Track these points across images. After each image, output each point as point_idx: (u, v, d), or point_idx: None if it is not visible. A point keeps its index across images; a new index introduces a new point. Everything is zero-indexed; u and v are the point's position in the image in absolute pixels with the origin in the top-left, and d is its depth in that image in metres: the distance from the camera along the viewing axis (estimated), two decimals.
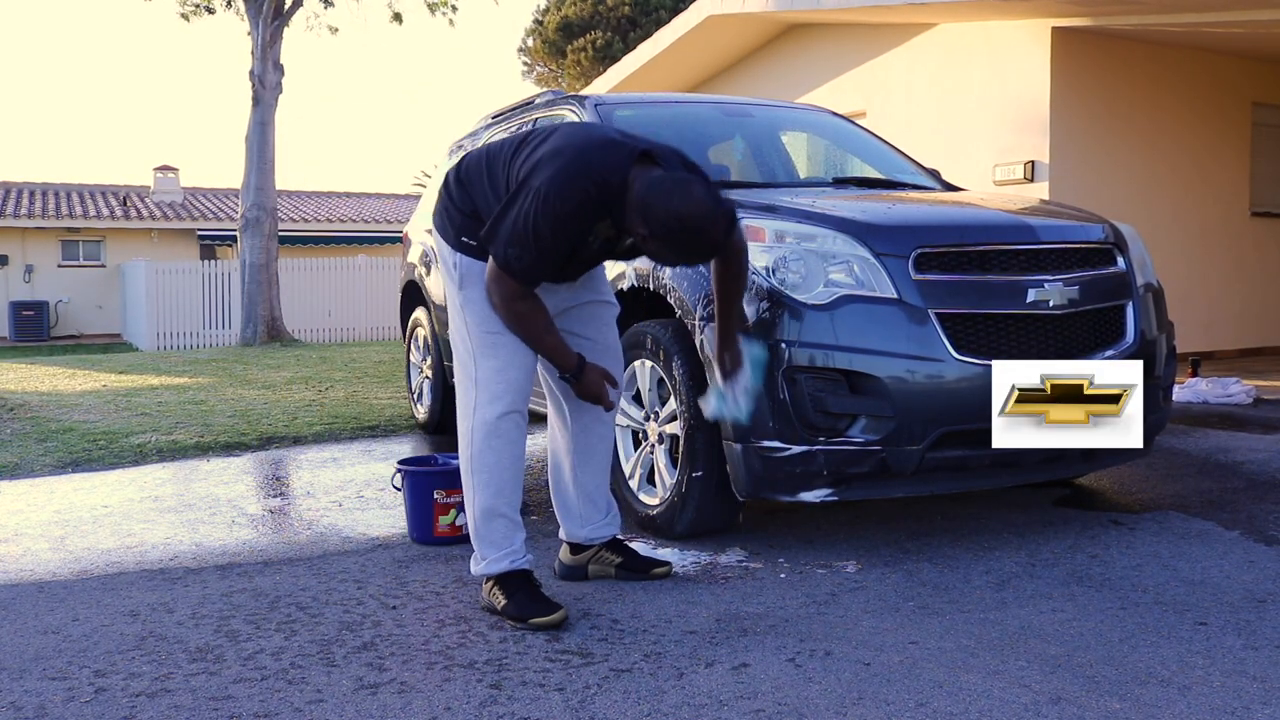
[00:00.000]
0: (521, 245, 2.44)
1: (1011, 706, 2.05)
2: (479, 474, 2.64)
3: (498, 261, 2.49)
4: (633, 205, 2.40)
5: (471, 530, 2.69)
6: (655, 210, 2.35)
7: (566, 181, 2.40)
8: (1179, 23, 7.00)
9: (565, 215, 2.41)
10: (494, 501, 2.64)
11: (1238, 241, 8.65)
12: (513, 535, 2.66)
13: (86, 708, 2.13)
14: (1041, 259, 3.23)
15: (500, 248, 2.47)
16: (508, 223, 2.46)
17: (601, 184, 2.42)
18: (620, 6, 23.96)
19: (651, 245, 2.42)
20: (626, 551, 2.95)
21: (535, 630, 2.51)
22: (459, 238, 2.67)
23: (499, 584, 2.63)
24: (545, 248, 2.44)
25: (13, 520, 3.89)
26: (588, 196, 2.41)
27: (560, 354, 2.62)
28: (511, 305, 2.54)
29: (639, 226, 2.40)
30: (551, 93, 4.88)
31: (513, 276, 2.49)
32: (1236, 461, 4.41)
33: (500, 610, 2.59)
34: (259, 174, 15.08)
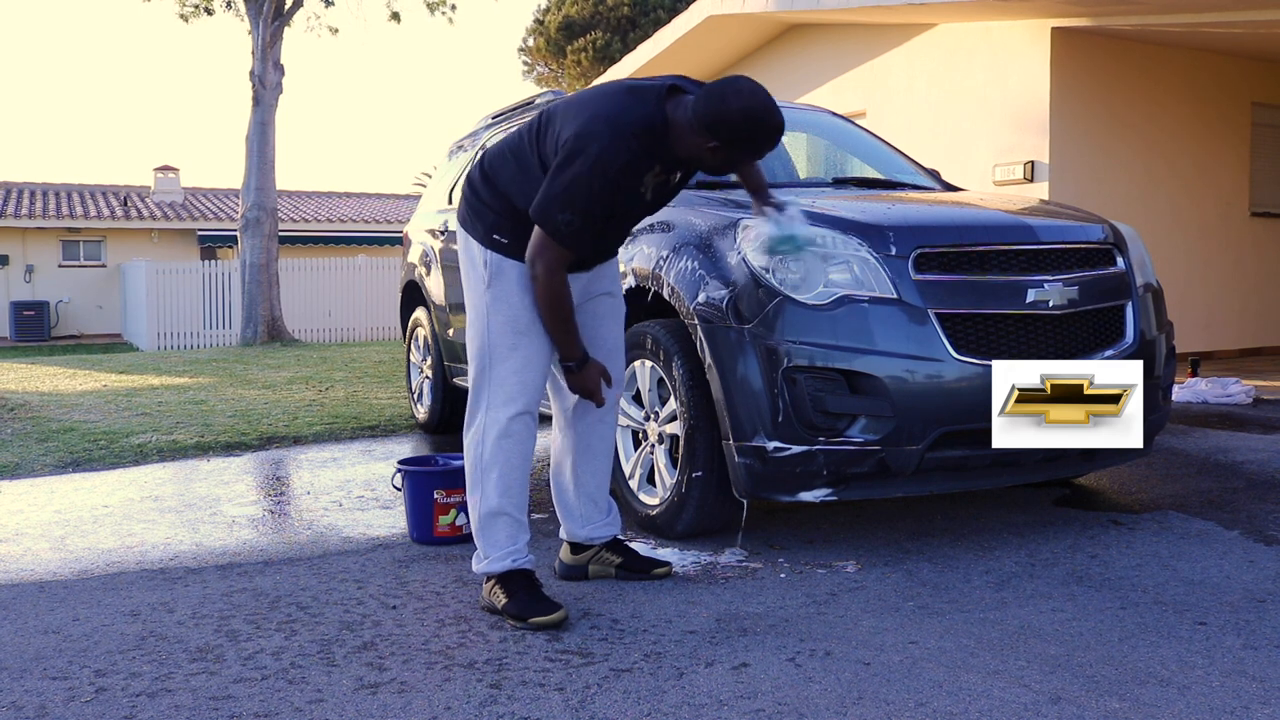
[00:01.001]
0: (574, 210, 2.45)
1: (1011, 706, 2.05)
2: (488, 473, 2.64)
3: (548, 230, 2.49)
4: (687, 131, 2.46)
5: (475, 528, 2.69)
6: (721, 118, 2.41)
7: (612, 140, 2.43)
8: (1179, 23, 7.00)
9: (618, 172, 2.44)
10: (500, 501, 2.64)
11: (1237, 241, 8.65)
12: (516, 535, 2.67)
13: (87, 707, 2.13)
14: (1041, 259, 3.23)
15: (552, 215, 2.47)
16: (558, 190, 2.46)
17: (644, 132, 2.46)
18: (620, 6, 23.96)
19: (722, 154, 2.48)
20: (627, 552, 2.95)
21: (535, 630, 2.52)
22: (490, 235, 2.67)
23: (500, 583, 2.63)
24: (598, 210, 2.47)
25: (13, 520, 3.89)
26: (635, 150, 2.45)
27: (572, 342, 2.63)
28: (555, 277, 2.53)
29: (704, 142, 2.44)
30: (552, 93, 4.88)
31: (562, 243, 2.50)
32: (1236, 461, 4.42)
33: (501, 609, 2.60)
34: (259, 174, 15.08)
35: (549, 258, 2.52)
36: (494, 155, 2.75)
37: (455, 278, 5.15)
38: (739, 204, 3.39)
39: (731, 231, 3.18)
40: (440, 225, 5.41)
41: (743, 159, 2.58)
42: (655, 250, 3.39)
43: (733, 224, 3.19)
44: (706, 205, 3.35)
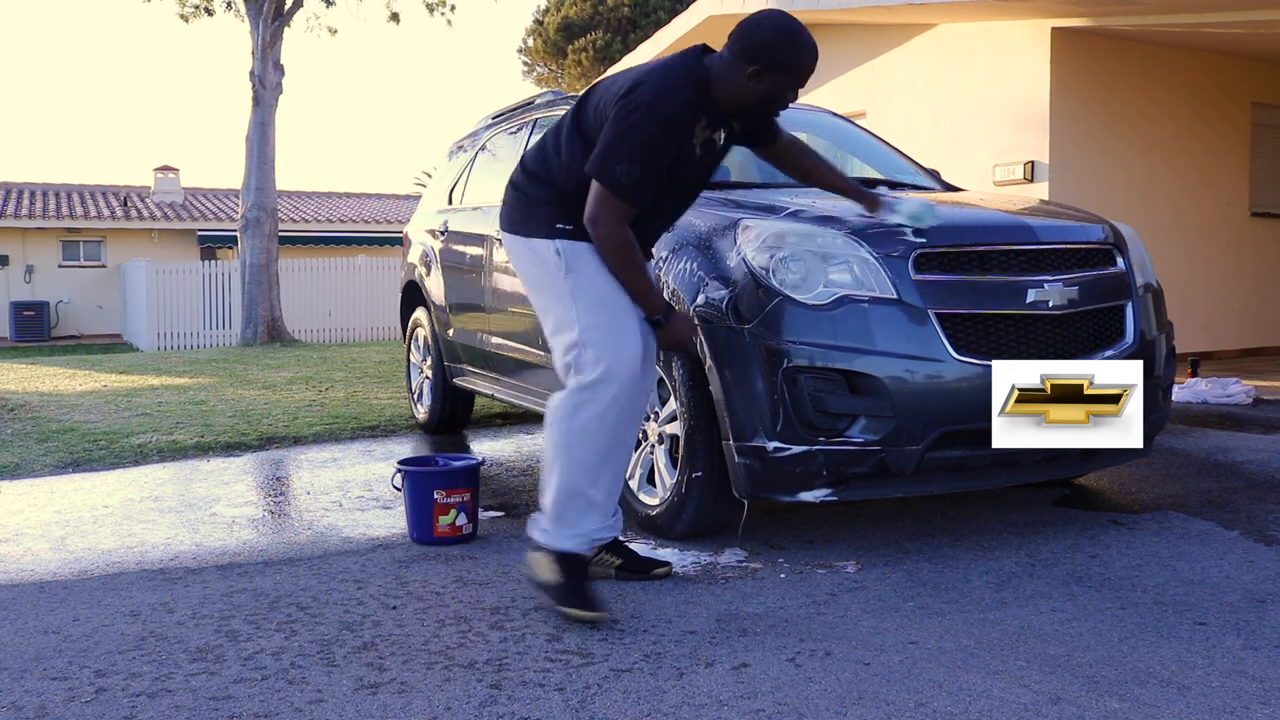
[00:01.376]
0: (630, 159, 2.48)
1: (1011, 706, 2.05)
2: (571, 450, 2.61)
3: (606, 184, 2.51)
4: (726, 70, 2.55)
5: (553, 505, 2.65)
6: (757, 38, 2.52)
7: (662, 87, 2.50)
8: (1179, 23, 7.00)
9: (672, 116, 2.49)
10: (585, 484, 2.62)
11: (1237, 241, 8.65)
12: (585, 517, 2.65)
13: (87, 708, 2.13)
14: (1041, 259, 3.23)
15: (610, 167, 2.49)
16: (614, 140, 2.49)
17: (690, 81, 2.53)
18: (620, 7, 23.97)
19: (765, 81, 2.54)
20: (626, 552, 2.94)
21: (569, 621, 2.52)
22: (553, 225, 2.66)
23: (560, 562, 2.62)
24: (654, 157, 2.50)
25: (13, 520, 3.89)
26: (685, 96, 2.51)
27: (652, 295, 2.63)
28: (620, 232, 2.54)
29: (744, 72, 2.53)
30: (551, 93, 4.89)
31: (621, 197, 2.51)
32: (1236, 461, 4.42)
33: (544, 584, 2.61)
34: (259, 174, 15.08)
35: (610, 213, 2.53)
36: (534, 153, 2.77)
37: (455, 278, 5.16)
38: (739, 204, 3.39)
39: (731, 232, 3.18)
40: (440, 225, 5.42)
41: (784, 83, 2.58)
42: (655, 251, 3.38)
43: (733, 224, 3.19)
44: (706, 205, 3.35)
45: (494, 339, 4.75)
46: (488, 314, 4.79)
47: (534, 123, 4.81)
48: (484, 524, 3.58)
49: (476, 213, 5.03)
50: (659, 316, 2.64)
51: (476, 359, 5.00)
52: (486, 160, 5.26)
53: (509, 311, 4.57)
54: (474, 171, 5.36)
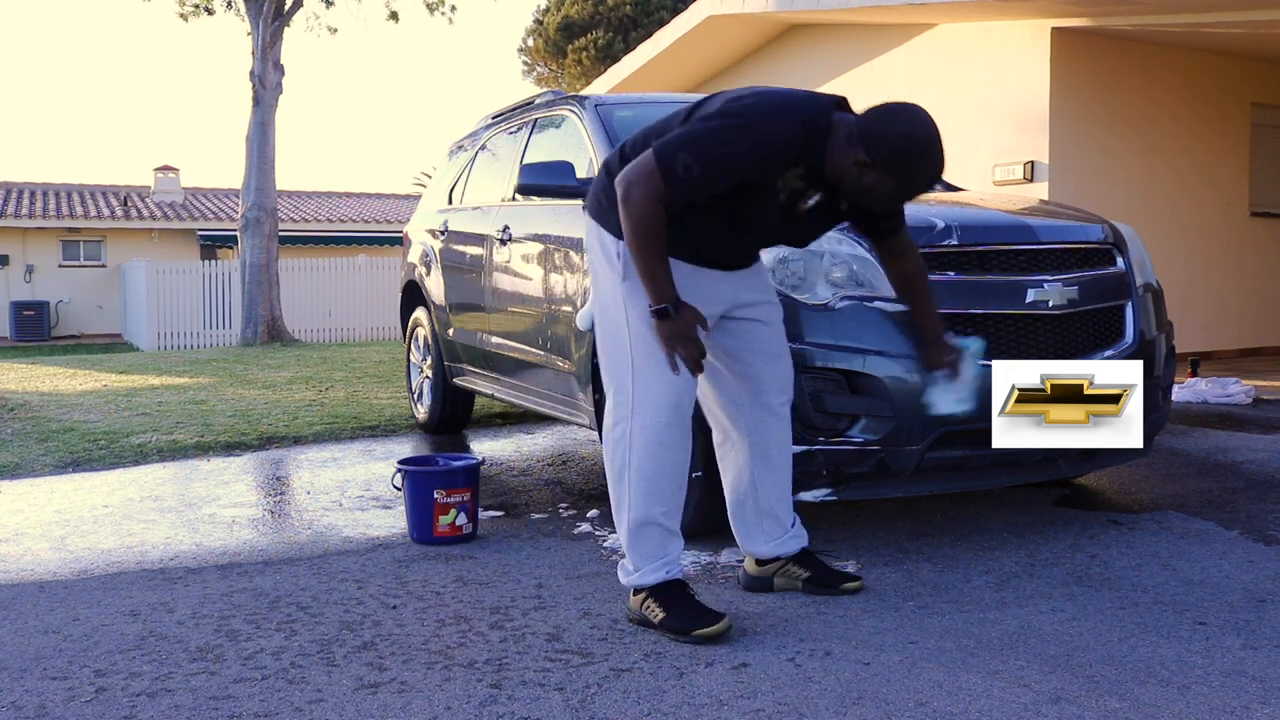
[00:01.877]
0: (700, 155, 2.29)
1: (1011, 706, 2.05)
2: (637, 482, 2.48)
3: (660, 162, 2.30)
4: (846, 141, 2.32)
5: (624, 538, 2.54)
6: (882, 133, 2.29)
7: (775, 111, 2.32)
8: (1179, 23, 7.00)
9: (766, 143, 2.30)
10: (650, 510, 2.48)
11: (1237, 241, 8.65)
12: (667, 545, 2.52)
13: (87, 707, 2.13)
14: (1041, 259, 3.23)
15: (671, 151, 2.30)
16: (690, 132, 2.33)
17: (809, 123, 2.33)
18: (621, 6, 23.96)
19: (870, 176, 2.32)
20: (815, 565, 2.78)
21: (700, 643, 2.40)
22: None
23: (654, 596, 2.49)
24: (723, 167, 2.30)
25: (13, 520, 3.89)
26: (791, 133, 2.31)
27: (663, 282, 2.36)
28: (650, 206, 2.31)
29: (857, 157, 2.30)
30: (551, 93, 4.88)
31: (666, 181, 2.30)
32: (1236, 461, 4.42)
33: (658, 624, 2.46)
34: (259, 174, 15.08)
35: (647, 186, 2.31)
36: (636, 138, 2.57)
37: (455, 278, 5.16)
38: None
39: None
40: (440, 225, 5.42)
41: (890, 189, 2.36)
42: None
43: None
44: None
45: (494, 339, 4.75)
46: (488, 314, 4.79)
47: (534, 122, 4.81)
48: (484, 524, 3.58)
49: (476, 212, 5.03)
50: (666, 306, 2.35)
51: (476, 359, 5.00)
52: (486, 160, 5.26)
53: (509, 311, 4.57)
54: (474, 171, 5.36)
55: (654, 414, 2.47)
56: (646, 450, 2.47)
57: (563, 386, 4.10)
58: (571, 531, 3.51)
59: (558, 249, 4.11)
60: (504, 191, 4.79)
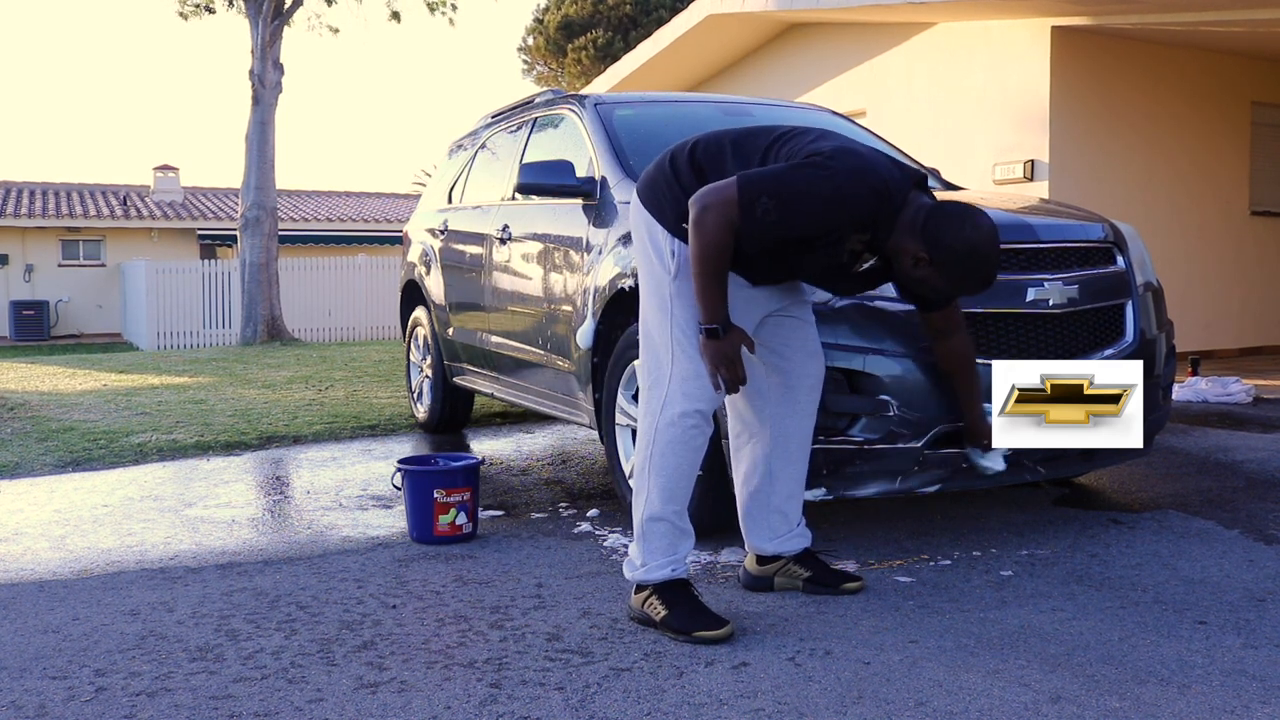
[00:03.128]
0: (780, 200, 2.29)
1: (1011, 706, 2.05)
2: (656, 476, 2.51)
3: (741, 195, 2.31)
4: (911, 227, 2.35)
5: (636, 531, 2.56)
6: (946, 236, 2.31)
7: (860, 172, 2.33)
8: (1179, 22, 7.00)
9: (846, 199, 2.31)
10: (664, 507, 2.51)
11: (1237, 241, 8.65)
12: (677, 543, 2.54)
13: (87, 707, 2.13)
14: (1041, 258, 3.23)
15: (755, 188, 2.31)
16: (776, 175, 2.34)
17: (887, 195, 2.34)
18: (621, 5, 23.96)
19: (924, 270, 2.36)
20: (816, 565, 2.80)
21: (699, 644, 2.40)
22: (680, 223, 2.48)
23: (657, 593, 2.50)
24: (800, 218, 2.32)
25: (13, 519, 3.89)
26: (873, 195, 2.32)
27: (720, 302, 2.39)
28: (723, 234, 2.33)
29: (917, 250, 2.34)
30: (551, 92, 4.88)
31: (742, 217, 2.31)
32: (1236, 461, 4.42)
33: (660, 622, 2.47)
34: (259, 173, 15.08)
35: (726, 215, 2.32)
36: (710, 142, 2.56)
37: (455, 277, 5.16)
38: None
39: None
40: (440, 224, 5.41)
41: (939, 287, 2.42)
42: None
43: None
44: None
45: (494, 338, 4.75)
46: (487, 313, 4.79)
47: (533, 122, 4.80)
48: (484, 523, 3.58)
49: (476, 211, 5.03)
50: (716, 326, 2.39)
51: (476, 358, 5.00)
52: (486, 159, 5.25)
53: (509, 310, 4.57)
54: (474, 170, 5.35)
55: (682, 414, 2.49)
56: (670, 448, 2.50)
57: (563, 386, 4.09)
58: (571, 531, 3.51)
59: (557, 248, 4.11)
60: (504, 191, 4.79)
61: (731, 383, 2.44)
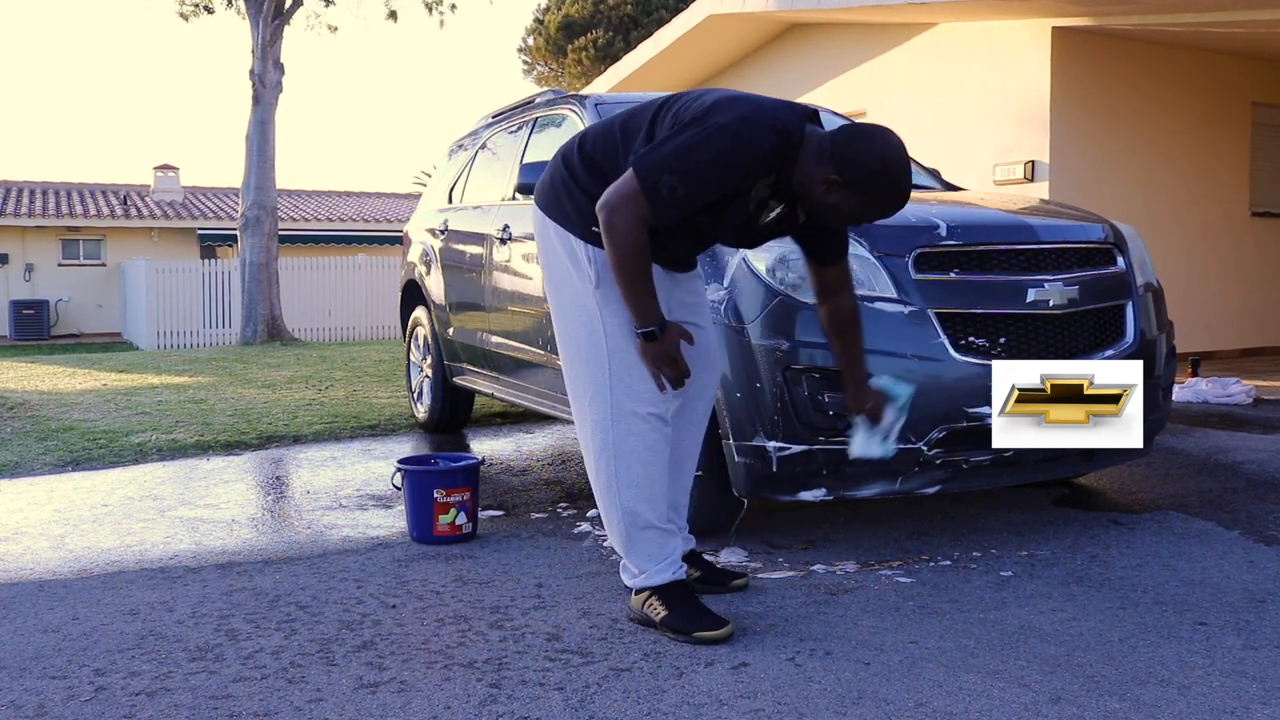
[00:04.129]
0: (683, 174, 2.25)
1: (1011, 706, 2.05)
2: (625, 489, 2.48)
3: (643, 185, 2.27)
4: (817, 155, 2.30)
5: (620, 543, 2.54)
6: (857, 154, 2.26)
7: (751, 118, 2.29)
8: (1179, 23, 7.00)
9: (745, 153, 2.26)
10: (645, 512, 2.49)
11: (1238, 241, 8.65)
12: (666, 544, 2.53)
13: (86, 706, 2.13)
14: (1041, 259, 3.23)
15: (653, 172, 2.27)
16: (670, 150, 2.28)
17: (784, 132, 2.30)
18: (621, 5, 23.96)
19: (837, 195, 2.29)
20: (704, 565, 2.82)
21: (700, 644, 2.41)
22: (589, 227, 2.43)
23: (658, 594, 2.49)
24: (708, 184, 2.28)
25: (13, 519, 3.89)
26: (770, 142, 2.28)
27: (652, 305, 2.36)
28: (637, 233, 2.29)
29: (827, 174, 2.28)
30: (551, 92, 4.88)
31: (651, 203, 2.27)
32: (1236, 461, 4.41)
33: (660, 622, 2.47)
34: (259, 173, 15.08)
35: (634, 212, 2.28)
36: (597, 133, 2.52)
37: (455, 277, 5.16)
38: None
39: None
40: (440, 224, 5.41)
41: (854, 209, 2.33)
42: None
43: None
44: None
45: (494, 338, 4.75)
46: (488, 313, 4.79)
47: (534, 122, 4.80)
48: (484, 523, 3.58)
49: (476, 211, 5.03)
50: (652, 328, 2.37)
51: (476, 358, 5.00)
52: (486, 159, 5.25)
53: (509, 310, 4.57)
54: (474, 170, 5.35)
55: (639, 421, 2.46)
56: (635, 457, 2.47)
57: (563, 386, 4.09)
58: (571, 531, 3.51)
59: None
60: (504, 191, 4.79)
61: (676, 380, 2.42)
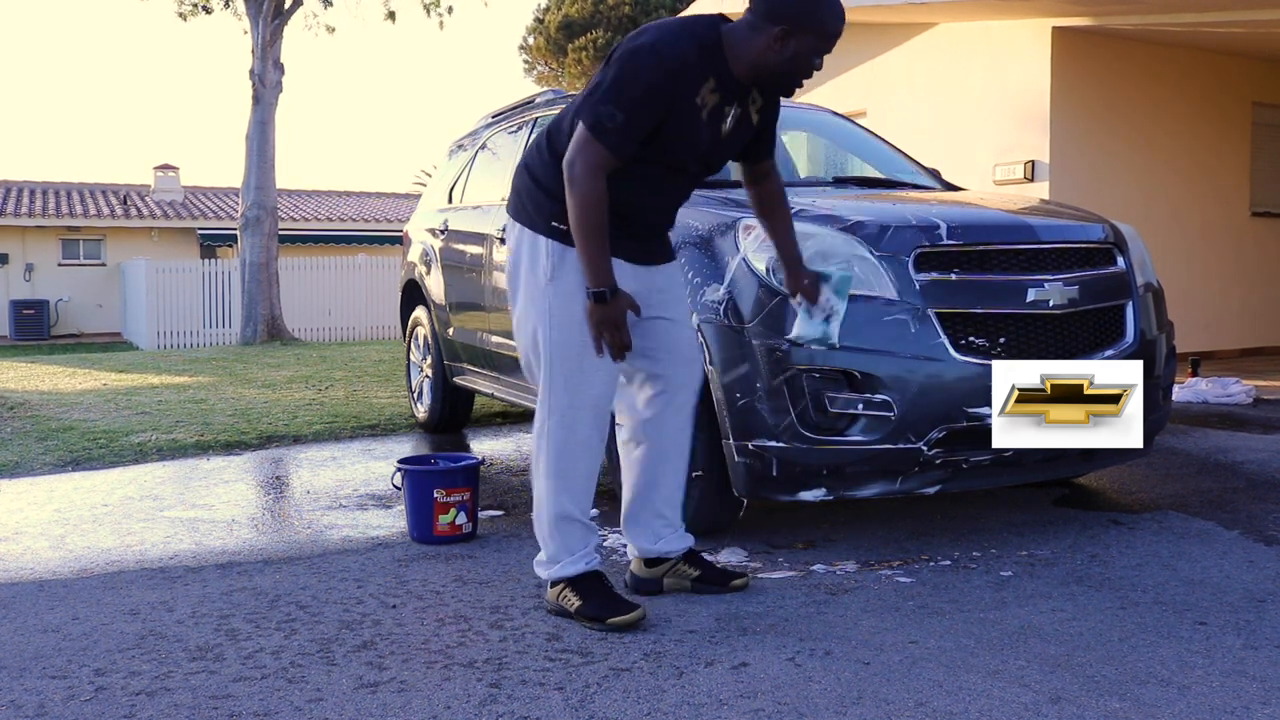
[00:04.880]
0: (617, 101, 2.34)
1: (1011, 706, 2.05)
2: (557, 478, 2.56)
3: (588, 124, 2.36)
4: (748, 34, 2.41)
5: (542, 532, 2.61)
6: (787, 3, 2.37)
7: (661, 36, 2.39)
8: (1179, 22, 7.00)
9: (667, 63, 2.35)
10: (569, 505, 2.56)
11: (1238, 241, 8.65)
12: (587, 538, 2.60)
13: (86, 706, 2.13)
14: (1041, 259, 3.23)
15: (593, 111, 2.37)
16: (602, 88, 2.37)
17: (697, 34, 2.41)
18: (621, 6, 23.96)
19: (790, 45, 2.39)
20: (703, 564, 2.82)
21: (612, 630, 2.47)
22: (550, 222, 2.52)
23: (572, 586, 2.56)
24: (642, 104, 2.35)
25: (13, 519, 3.89)
26: (687, 45, 2.38)
27: (603, 264, 2.40)
28: (595, 181, 2.37)
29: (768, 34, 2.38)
30: (552, 91, 4.88)
31: (602, 140, 2.36)
32: (1236, 461, 4.42)
33: (575, 612, 2.54)
34: (259, 173, 15.08)
35: (588, 157, 2.37)
36: (552, 126, 2.59)
37: (455, 277, 5.16)
38: (739, 203, 3.38)
39: (731, 232, 3.17)
40: (440, 224, 5.41)
41: (813, 46, 2.41)
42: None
43: (732, 224, 3.19)
44: (706, 205, 3.34)
45: (494, 338, 4.75)
46: (488, 313, 4.79)
47: (534, 121, 4.80)
48: (484, 523, 3.58)
49: (477, 211, 5.02)
50: (603, 290, 2.40)
51: (476, 358, 5.00)
52: (486, 159, 5.25)
53: (509, 310, 4.56)
54: (474, 170, 5.35)
55: (573, 415, 2.54)
56: (565, 449, 2.54)
57: None
58: None
59: None
60: (504, 191, 4.78)
61: (616, 348, 2.45)
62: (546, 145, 2.59)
